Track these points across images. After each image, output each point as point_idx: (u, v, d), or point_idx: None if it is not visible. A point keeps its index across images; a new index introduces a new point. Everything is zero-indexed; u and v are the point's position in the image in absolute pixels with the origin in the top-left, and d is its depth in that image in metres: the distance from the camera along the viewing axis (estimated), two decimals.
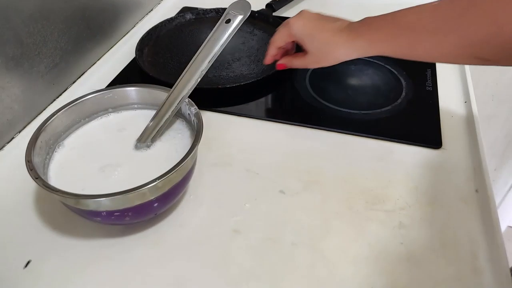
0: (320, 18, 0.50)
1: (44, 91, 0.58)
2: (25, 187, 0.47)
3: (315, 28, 0.49)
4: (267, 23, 0.76)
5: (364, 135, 0.54)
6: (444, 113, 0.57)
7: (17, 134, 0.54)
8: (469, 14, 0.37)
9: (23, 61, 0.53)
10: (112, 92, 0.49)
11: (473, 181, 0.48)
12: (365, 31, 0.45)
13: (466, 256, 0.40)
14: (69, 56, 0.61)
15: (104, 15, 0.69)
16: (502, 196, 1.45)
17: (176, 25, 0.77)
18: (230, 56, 0.68)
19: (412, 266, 0.40)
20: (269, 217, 0.44)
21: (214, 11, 0.79)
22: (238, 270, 0.40)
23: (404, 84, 0.62)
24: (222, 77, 0.64)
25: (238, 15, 0.48)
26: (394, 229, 0.43)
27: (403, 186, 0.47)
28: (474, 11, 0.37)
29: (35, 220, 0.45)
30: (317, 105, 0.59)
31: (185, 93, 0.45)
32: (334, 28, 0.47)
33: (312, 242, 0.42)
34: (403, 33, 0.42)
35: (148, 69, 0.63)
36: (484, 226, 0.43)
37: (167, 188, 0.39)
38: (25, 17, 0.52)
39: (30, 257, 0.41)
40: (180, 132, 0.47)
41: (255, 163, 0.50)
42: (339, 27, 0.47)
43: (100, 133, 0.47)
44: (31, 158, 0.40)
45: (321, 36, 0.48)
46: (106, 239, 0.43)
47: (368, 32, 0.44)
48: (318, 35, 0.48)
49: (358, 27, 0.46)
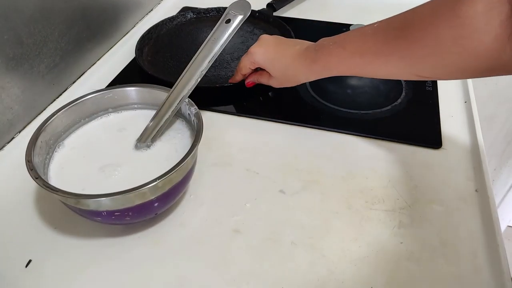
0: (279, 43, 0.52)
1: (44, 91, 0.58)
2: (25, 187, 0.47)
3: (275, 54, 0.51)
4: (268, 23, 0.76)
5: (364, 135, 0.54)
6: (444, 113, 0.57)
7: (17, 134, 0.54)
8: (403, 36, 0.39)
9: (23, 61, 0.53)
10: (112, 92, 0.49)
11: (473, 181, 0.48)
12: (319, 56, 0.47)
13: (466, 255, 0.40)
14: (69, 56, 0.61)
15: (104, 15, 0.69)
16: (502, 196, 1.45)
17: (177, 24, 0.77)
18: (229, 56, 0.68)
19: (412, 265, 0.40)
20: (269, 217, 0.44)
21: (215, 10, 0.79)
22: (238, 270, 0.40)
23: (404, 84, 0.62)
24: (220, 76, 0.64)
25: (238, 15, 0.48)
26: (394, 228, 0.43)
27: (403, 186, 0.47)
28: (408, 32, 0.38)
29: (36, 220, 0.45)
30: (317, 105, 0.59)
31: (185, 93, 0.46)
32: (293, 53, 0.50)
33: (312, 241, 0.42)
34: (352, 57, 0.44)
35: (147, 68, 0.64)
36: (483, 225, 0.43)
37: (167, 188, 0.39)
38: (25, 18, 0.52)
39: (31, 257, 0.41)
40: (180, 132, 0.47)
41: (255, 163, 0.50)
42: (298, 52, 0.50)
43: (100, 133, 0.48)
44: (31, 158, 0.40)
45: (282, 62, 0.51)
46: (106, 239, 0.43)
47: (322, 57, 0.47)
48: (279, 61, 0.51)
49: (314, 52, 0.48)
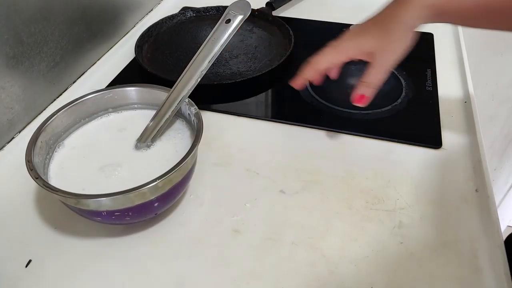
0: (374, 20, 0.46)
1: (44, 91, 0.58)
2: (25, 187, 0.47)
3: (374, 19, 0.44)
4: (267, 22, 0.76)
5: (364, 135, 0.54)
6: (444, 113, 0.57)
7: (17, 134, 0.54)
8: None
9: (24, 60, 0.53)
10: (112, 92, 0.49)
11: (473, 181, 0.48)
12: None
13: (466, 255, 0.40)
14: (69, 56, 0.61)
15: (104, 15, 0.69)
16: (502, 196, 1.45)
17: (177, 22, 0.77)
18: (228, 54, 0.68)
19: (412, 265, 0.40)
20: (269, 217, 0.44)
21: (215, 9, 0.79)
22: (238, 269, 0.40)
23: (404, 84, 0.62)
24: (219, 74, 0.64)
25: (238, 15, 0.48)
26: (394, 228, 0.43)
27: (403, 186, 0.47)
28: None
29: (36, 220, 0.45)
30: (317, 105, 0.59)
31: (185, 93, 0.45)
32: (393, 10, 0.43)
33: (312, 241, 0.42)
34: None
35: (147, 65, 0.64)
36: (484, 225, 0.43)
37: (167, 188, 0.39)
38: (26, 17, 0.52)
39: (31, 257, 0.41)
40: (180, 132, 0.47)
41: (255, 163, 0.50)
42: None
43: (100, 133, 0.48)
44: (31, 158, 0.40)
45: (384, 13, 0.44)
46: (106, 239, 0.43)
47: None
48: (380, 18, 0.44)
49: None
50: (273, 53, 0.69)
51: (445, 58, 0.68)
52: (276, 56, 0.68)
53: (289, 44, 0.68)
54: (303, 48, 0.71)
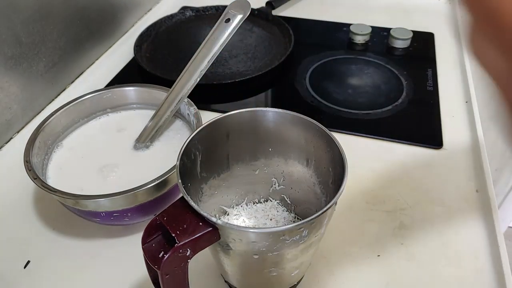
0: None
1: (42, 91, 0.58)
2: (23, 187, 0.47)
3: None
4: (266, 21, 0.76)
5: (364, 135, 0.54)
6: (445, 113, 0.57)
7: (15, 134, 0.54)
8: None
9: (22, 60, 0.53)
10: (111, 92, 0.48)
11: (474, 181, 0.47)
12: None
13: (466, 256, 0.40)
14: (68, 56, 0.61)
15: (102, 15, 0.68)
16: (503, 197, 1.45)
17: (176, 21, 0.77)
18: (227, 53, 0.68)
19: (413, 266, 0.39)
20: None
21: (214, 8, 0.79)
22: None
23: (405, 84, 0.62)
24: (218, 74, 0.64)
25: (238, 14, 0.48)
26: (395, 229, 0.43)
27: (403, 186, 0.47)
28: None
29: (34, 220, 0.44)
30: (317, 105, 0.59)
31: (184, 93, 0.45)
32: None
33: None
34: None
35: (145, 65, 0.63)
36: (485, 226, 0.43)
37: (166, 188, 0.39)
38: (24, 17, 0.52)
39: (29, 257, 0.41)
40: (179, 132, 0.47)
41: None
42: None
43: (99, 133, 0.47)
44: (30, 158, 0.39)
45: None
46: (105, 239, 0.42)
47: None
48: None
49: None
50: (273, 53, 0.69)
51: (446, 58, 0.68)
52: (276, 56, 0.68)
53: (289, 44, 0.68)
54: (303, 47, 0.71)
